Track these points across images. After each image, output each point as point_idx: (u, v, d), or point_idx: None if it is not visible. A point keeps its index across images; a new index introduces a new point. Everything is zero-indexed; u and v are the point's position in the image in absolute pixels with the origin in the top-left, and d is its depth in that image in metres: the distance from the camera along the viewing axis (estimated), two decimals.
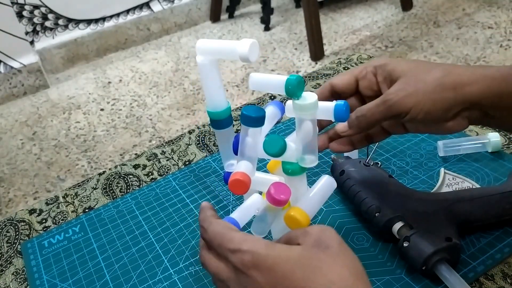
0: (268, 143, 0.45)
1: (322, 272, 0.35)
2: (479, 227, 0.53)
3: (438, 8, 2.46)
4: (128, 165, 0.75)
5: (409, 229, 0.50)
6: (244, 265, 0.38)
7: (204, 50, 0.50)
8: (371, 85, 0.49)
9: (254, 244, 0.38)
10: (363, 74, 0.49)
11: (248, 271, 0.37)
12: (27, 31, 2.38)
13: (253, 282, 0.37)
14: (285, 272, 0.36)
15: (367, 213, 0.54)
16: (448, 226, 0.49)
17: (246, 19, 2.73)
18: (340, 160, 0.61)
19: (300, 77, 0.45)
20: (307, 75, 0.90)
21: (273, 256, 0.37)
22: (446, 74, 0.44)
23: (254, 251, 0.38)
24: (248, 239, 0.39)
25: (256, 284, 0.37)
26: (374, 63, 0.49)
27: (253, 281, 0.37)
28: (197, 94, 2.08)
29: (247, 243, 0.38)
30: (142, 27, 2.64)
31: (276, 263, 0.36)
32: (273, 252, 0.37)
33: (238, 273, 0.38)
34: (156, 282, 0.54)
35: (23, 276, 0.59)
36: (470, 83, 0.43)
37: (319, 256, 0.37)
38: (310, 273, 0.35)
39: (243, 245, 0.38)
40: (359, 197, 0.55)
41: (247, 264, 0.37)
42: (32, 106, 2.21)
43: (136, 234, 0.62)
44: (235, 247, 0.39)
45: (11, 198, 1.67)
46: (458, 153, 0.65)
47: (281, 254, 0.37)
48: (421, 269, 0.48)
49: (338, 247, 0.38)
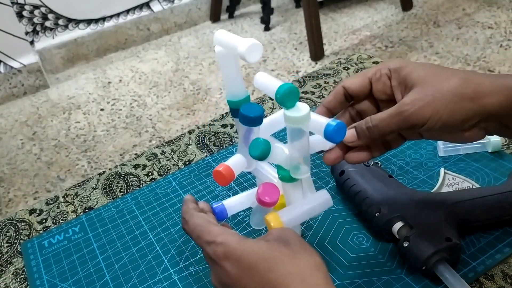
0: (252, 145, 0.45)
1: (283, 263, 0.39)
2: (479, 227, 0.53)
3: (438, 8, 2.46)
4: (128, 165, 0.75)
5: (409, 229, 0.50)
6: (217, 256, 0.41)
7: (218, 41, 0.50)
8: (385, 89, 0.47)
9: (227, 237, 0.42)
10: (377, 77, 0.47)
11: (219, 261, 0.41)
12: (27, 31, 2.38)
13: (225, 272, 0.41)
14: (251, 263, 0.39)
15: (367, 213, 0.54)
16: (448, 226, 0.49)
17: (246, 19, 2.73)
18: None
19: (292, 87, 0.44)
20: (307, 75, 0.91)
21: (241, 249, 0.40)
22: (465, 83, 0.42)
23: (226, 243, 0.41)
24: (223, 233, 0.43)
25: (227, 273, 0.40)
26: (389, 65, 0.47)
27: (224, 271, 0.40)
28: (197, 94, 2.08)
29: (222, 236, 0.42)
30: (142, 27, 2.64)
31: (243, 254, 0.40)
32: (242, 246, 0.41)
33: (212, 263, 0.42)
34: (156, 282, 0.55)
35: (23, 276, 0.59)
36: (490, 94, 0.41)
37: (281, 250, 0.40)
38: (272, 264, 0.39)
39: (218, 237, 0.42)
40: (359, 197, 0.55)
41: (219, 255, 0.41)
42: (32, 106, 2.21)
43: (136, 234, 0.62)
44: (211, 239, 0.42)
45: (11, 198, 1.67)
46: (458, 153, 0.65)
47: (248, 247, 0.41)
48: (421, 269, 0.48)
49: (299, 243, 0.41)
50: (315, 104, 0.81)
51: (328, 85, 0.86)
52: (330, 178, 0.64)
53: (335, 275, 0.51)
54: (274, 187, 0.49)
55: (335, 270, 0.52)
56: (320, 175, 0.65)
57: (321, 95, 0.84)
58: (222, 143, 0.77)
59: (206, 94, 2.08)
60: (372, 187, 0.55)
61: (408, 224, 0.50)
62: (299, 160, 0.47)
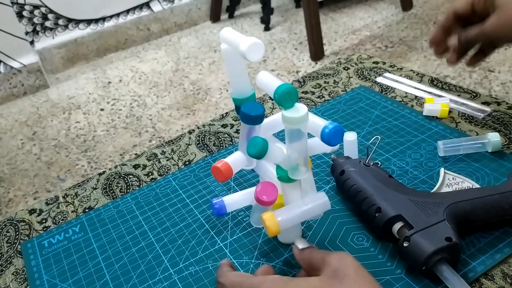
0: (250, 144, 0.45)
1: None
2: (479, 227, 0.53)
3: (438, 8, 2.46)
4: (128, 165, 0.75)
5: (409, 229, 0.50)
6: None
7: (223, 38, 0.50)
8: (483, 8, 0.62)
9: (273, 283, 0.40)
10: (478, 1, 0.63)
11: None
12: (27, 31, 2.38)
13: None
14: None
15: (367, 213, 0.54)
16: (448, 226, 0.49)
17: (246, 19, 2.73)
18: (340, 160, 0.61)
19: (290, 88, 0.44)
20: (307, 75, 0.90)
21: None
22: None
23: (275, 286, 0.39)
24: (266, 280, 0.41)
25: None
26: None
27: None
28: (197, 94, 2.08)
29: (266, 283, 0.40)
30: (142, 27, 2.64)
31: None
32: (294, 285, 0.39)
33: None
34: (156, 282, 0.54)
35: (23, 276, 0.59)
36: None
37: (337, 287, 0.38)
38: None
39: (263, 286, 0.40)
40: (360, 197, 0.55)
41: None
42: (32, 106, 2.21)
43: (136, 234, 0.62)
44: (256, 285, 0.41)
45: (11, 198, 1.67)
46: (458, 153, 0.65)
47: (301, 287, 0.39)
48: (421, 269, 0.48)
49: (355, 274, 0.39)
50: (315, 104, 0.81)
51: (328, 85, 0.86)
52: (330, 178, 0.64)
53: None
54: (272, 186, 0.49)
55: None
56: (320, 175, 0.65)
57: (321, 95, 0.84)
58: (222, 143, 0.77)
59: (206, 94, 2.08)
60: (372, 187, 0.55)
61: (408, 224, 0.50)
62: (297, 161, 0.47)
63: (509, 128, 0.68)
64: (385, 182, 0.55)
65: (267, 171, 0.54)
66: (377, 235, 0.55)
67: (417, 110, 0.75)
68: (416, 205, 0.52)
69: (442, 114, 0.72)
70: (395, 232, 0.51)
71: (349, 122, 0.75)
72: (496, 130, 0.68)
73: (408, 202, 0.52)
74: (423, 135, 0.69)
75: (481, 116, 0.71)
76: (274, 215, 0.47)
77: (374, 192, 0.54)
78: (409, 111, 0.75)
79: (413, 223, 0.50)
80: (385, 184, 0.55)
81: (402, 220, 0.51)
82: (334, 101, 0.81)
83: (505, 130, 0.68)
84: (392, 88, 0.82)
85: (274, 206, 0.51)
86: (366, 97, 0.80)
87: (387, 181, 0.56)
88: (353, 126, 0.74)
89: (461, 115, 0.72)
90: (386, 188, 0.54)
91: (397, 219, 0.51)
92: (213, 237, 0.59)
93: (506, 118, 0.70)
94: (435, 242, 0.47)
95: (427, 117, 0.73)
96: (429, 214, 0.50)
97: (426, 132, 0.69)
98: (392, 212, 0.51)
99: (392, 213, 0.51)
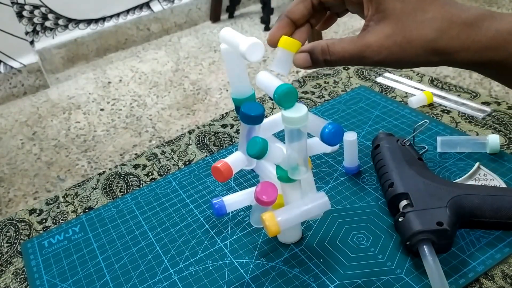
0: (250, 144, 0.45)
1: None
2: (482, 224, 0.53)
3: None
4: (128, 165, 0.75)
5: (410, 208, 0.52)
6: None
7: (223, 38, 0.50)
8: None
9: None
10: None
11: None
12: (27, 31, 2.38)
13: None
14: None
15: (383, 186, 0.58)
16: (447, 213, 0.50)
17: (246, 19, 2.73)
18: (381, 135, 0.64)
19: (290, 88, 0.43)
20: (307, 75, 0.91)
21: None
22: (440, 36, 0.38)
23: None
24: None
25: None
26: None
27: None
28: (197, 94, 2.08)
29: None
30: (142, 27, 2.64)
31: None
32: None
33: None
34: (156, 282, 0.55)
35: (23, 276, 0.59)
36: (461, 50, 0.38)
37: None
38: None
39: None
40: (382, 170, 0.59)
41: None
42: (32, 106, 2.21)
43: (136, 234, 0.62)
44: None
45: (11, 198, 1.67)
46: (455, 150, 0.65)
47: None
48: (405, 243, 0.50)
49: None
50: (315, 104, 0.81)
51: (328, 85, 0.86)
52: (330, 178, 0.64)
53: (335, 275, 0.51)
54: (272, 186, 0.49)
55: (335, 270, 0.52)
56: (320, 175, 0.65)
57: (321, 95, 0.84)
58: (222, 143, 0.77)
59: (206, 94, 2.08)
60: (395, 164, 0.58)
61: (411, 203, 0.52)
62: (297, 161, 0.47)
63: (509, 128, 0.68)
64: (409, 162, 0.58)
65: (267, 171, 0.54)
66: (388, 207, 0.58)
67: (417, 110, 0.75)
68: (426, 188, 0.54)
69: (429, 100, 0.75)
70: (401, 208, 0.54)
71: (349, 122, 0.75)
72: (496, 130, 0.68)
73: (420, 184, 0.55)
74: (423, 135, 0.69)
75: (481, 116, 0.71)
76: (274, 215, 0.47)
77: (394, 169, 0.58)
78: (409, 111, 0.75)
79: (414, 202, 0.52)
80: (409, 164, 0.58)
81: (408, 199, 0.54)
82: (334, 101, 0.81)
83: (505, 130, 0.68)
84: (392, 88, 0.82)
85: (274, 206, 0.51)
86: (366, 97, 0.80)
87: (413, 162, 0.58)
88: (353, 126, 0.74)
89: (461, 115, 0.73)
90: (408, 167, 0.57)
91: (404, 196, 0.54)
92: (213, 237, 0.59)
93: (506, 118, 0.70)
94: (425, 223, 0.50)
95: (427, 117, 0.73)
96: (433, 198, 0.53)
97: (426, 132, 0.69)
98: (401, 189, 0.55)
99: (401, 190, 0.55)
